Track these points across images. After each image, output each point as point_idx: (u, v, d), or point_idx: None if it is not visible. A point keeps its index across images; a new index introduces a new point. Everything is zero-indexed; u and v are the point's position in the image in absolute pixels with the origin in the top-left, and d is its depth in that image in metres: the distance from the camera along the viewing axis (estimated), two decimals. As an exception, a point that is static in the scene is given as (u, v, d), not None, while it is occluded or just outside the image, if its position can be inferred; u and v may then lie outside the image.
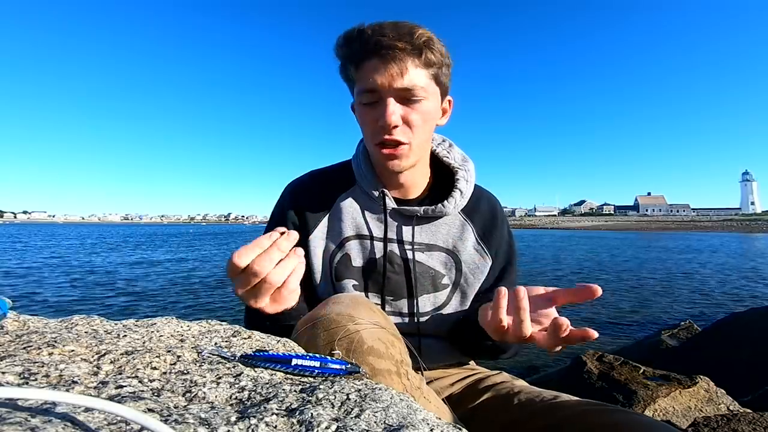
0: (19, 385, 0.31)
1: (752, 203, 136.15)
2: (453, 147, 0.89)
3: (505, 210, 0.91)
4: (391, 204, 0.80)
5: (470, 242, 0.83)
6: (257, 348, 0.47)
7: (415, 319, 0.79)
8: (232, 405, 0.34)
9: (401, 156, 0.73)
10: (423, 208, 0.79)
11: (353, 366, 0.44)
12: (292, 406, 0.34)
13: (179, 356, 0.41)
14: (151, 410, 0.29)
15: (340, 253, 0.80)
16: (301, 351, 0.50)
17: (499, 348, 0.75)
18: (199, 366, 0.40)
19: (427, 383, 0.60)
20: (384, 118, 0.68)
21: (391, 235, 0.80)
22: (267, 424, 0.30)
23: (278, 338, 0.53)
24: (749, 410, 1.53)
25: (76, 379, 0.33)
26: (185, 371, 0.38)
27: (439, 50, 0.71)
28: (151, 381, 0.35)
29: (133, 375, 0.36)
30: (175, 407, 0.31)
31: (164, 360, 0.39)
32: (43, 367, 0.34)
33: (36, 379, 0.32)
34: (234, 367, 0.41)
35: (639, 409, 1.62)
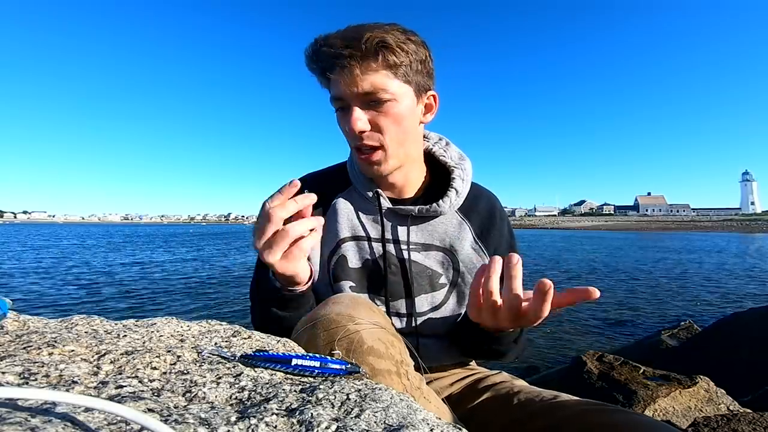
0: (19, 385, 0.31)
1: (752, 203, 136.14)
2: (450, 145, 0.88)
3: (505, 210, 0.91)
4: (385, 204, 0.80)
5: (468, 241, 0.82)
6: (257, 348, 0.47)
7: (412, 320, 0.79)
8: (232, 405, 0.34)
9: (378, 161, 0.74)
10: (418, 207, 0.79)
11: (353, 366, 0.44)
12: (292, 406, 0.34)
13: (179, 356, 0.41)
14: (151, 410, 0.29)
15: (337, 254, 0.80)
16: (301, 351, 0.50)
17: (497, 349, 0.74)
18: (199, 366, 0.40)
19: (427, 383, 0.60)
20: (349, 126, 0.70)
21: (387, 235, 0.80)
22: (267, 424, 0.30)
23: (278, 338, 0.53)
24: (749, 410, 1.53)
25: (76, 379, 0.33)
26: (185, 371, 0.38)
27: (402, 49, 0.69)
28: (151, 381, 0.35)
29: (133, 375, 0.36)
30: (175, 407, 0.31)
31: (164, 360, 0.39)
32: (43, 367, 0.34)
33: (36, 379, 0.32)
34: (234, 367, 0.41)
35: (639, 409, 1.62)
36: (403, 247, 0.79)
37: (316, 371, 0.43)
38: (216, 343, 0.47)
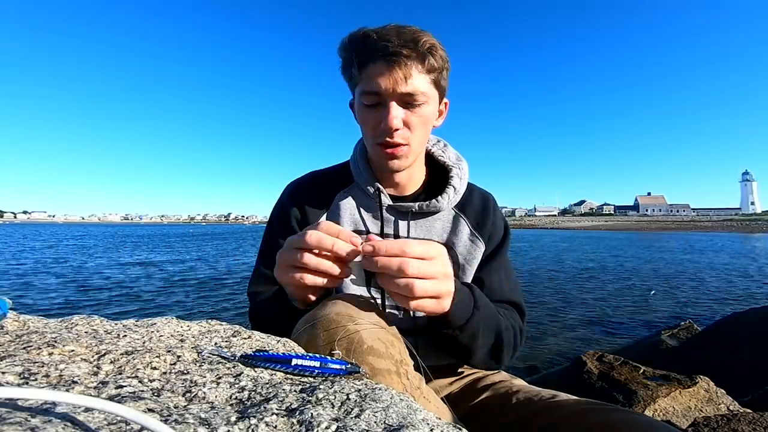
0: (19, 385, 0.31)
1: (752, 203, 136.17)
2: (447, 147, 0.92)
3: (504, 210, 0.93)
4: (386, 200, 0.82)
5: (465, 234, 0.85)
6: (257, 348, 0.47)
7: (411, 314, 0.80)
8: (232, 405, 0.34)
9: (401, 156, 0.76)
10: (418, 203, 0.82)
11: (353, 366, 0.44)
12: (292, 406, 0.34)
13: (179, 356, 0.41)
14: (151, 410, 0.29)
15: None
16: (301, 351, 0.50)
17: (460, 338, 0.65)
18: (199, 366, 0.40)
19: (426, 383, 0.60)
20: (387, 122, 0.71)
21: (388, 230, 0.82)
22: (267, 424, 0.30)
23: (278, 338, 0.53)
24: (749, 410, 1.53)
25: (76, 379, 0.33)
26: (185, 371, 0.38)
27: (441, 56, 0.73)
28: (151, 381, 0.35)
29: (133, 375, 0.36)
30: (175, 407, 0.31)
31: (164, 360, 0.39)
32: (43, 367, 0.34)
33: (36, 379, 0.32)
34: (234, 367, 0.41)
35: (639, 409, 1.62)
36: None
37: (316, 371, 0.43)
38: (216, 343, 0.47)
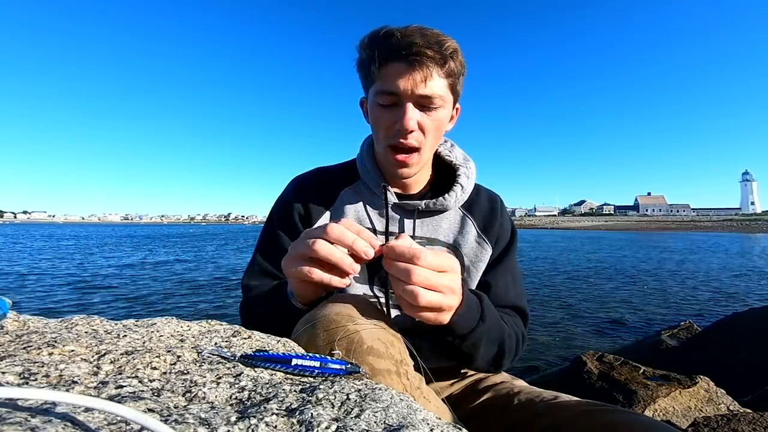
0: (19, 385, 0.31)
1: (752, 203, 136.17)
2: (454, 147, 0.91)
3: (505, 205, 0.92)
4: (392, 199, 0.81)
5: (471, 235, 0.84)
6: (257, 348, 0.47)
7: (411, 317, 0.79)
8: (232, 405, 0.34)
9: (412, 164, 0.76)
10: (424, 201, 0.81)
11: (353, 366, 0.44)
12: (292, 406, 0.34)
13: (179, 356, 0.41)
14: (151, 410, 0.29)
15: None
16: (301, 351, 0.50)
17: (461, 347, 0.65)
18: (199, 366, 0.40)
19: (427, 383, 0.60)
20: (402, 123, 0.70)
21: (393, 228, 0.81)
22: (267, 424, 0.30)
23: (278, 338, 0.53)
24: (749, 410, 1.53)
25: (76, 379, 0.33)
26: (185, 371, 0.38)
27: (461, 61, 0.72)
28: (151, 381, 0.35)
29: (133, 375, 0.36)
30: (175, 407, 0.31)
31: (164, 360, 0.39)
32: (43, 367, 0.34)
33: (36, 379, 0.32)
34: (234, 367, 0.41)
35: (639, 409, 1.62)
36: None
37: (316, 371, 0.43)
38: (216, 343, 0.47)
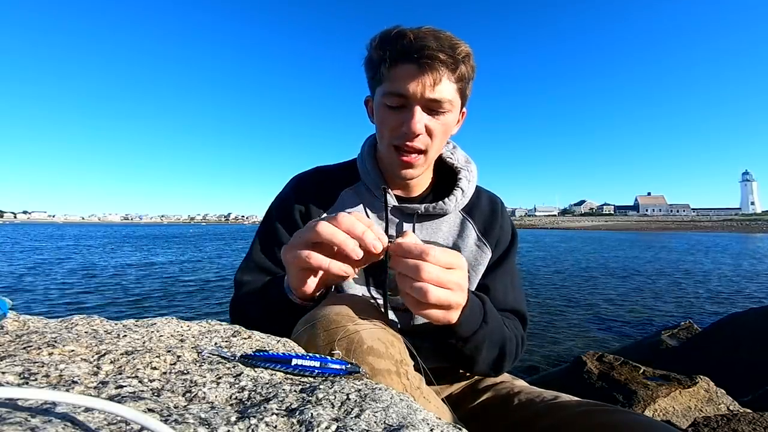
0: (19, 385, 0.31)
1: (752, 203, 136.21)
2: (457, 149, 0.90)
3: (506, 207, 0.92)
4: (392, 201, 0.80)
5: (471, 239, 0.83)
6: (257, 348, 0.47)
7: (410, 316, 0.79)
8: (232, 405, 0.34)
9: (417, 165, 0.75)
10: (424, 205, 0.80)
11: (353, 366, 0.44)
12: (292, 406, 0.34)
13: (179, 356, 0.41)
14: (151, 410, 0.29)
15: None
16: (300, 351, 0.50)
17: (463, 349, 0.64)
18: (199, 366, 0.40)
19: (427, 383, 0.60)
20: (409, 126, 0.69)
21: (392, 231, 0.81)
22: (267, 424, 0.30)
23: (278, 338, 0.53)
24: (749, 410, 1.53)
25: (76, 379, 0.33)
26: (185, 371, 0.38)
27: (472, 66, 0.71)
28: (151, 381, 0.35)
29: (133, 375, 0.36)
30: (175, 407, 0.31)
31: (164, 360, 0.39)
32: (43, 367, 0.34)
33: (36, 379, 0.32)
34: (234, 367, 0.41)
35: (639, 409, 1.62)
36: None
37: (316, 371, 0.43)
38: (216, 343, 0.47)
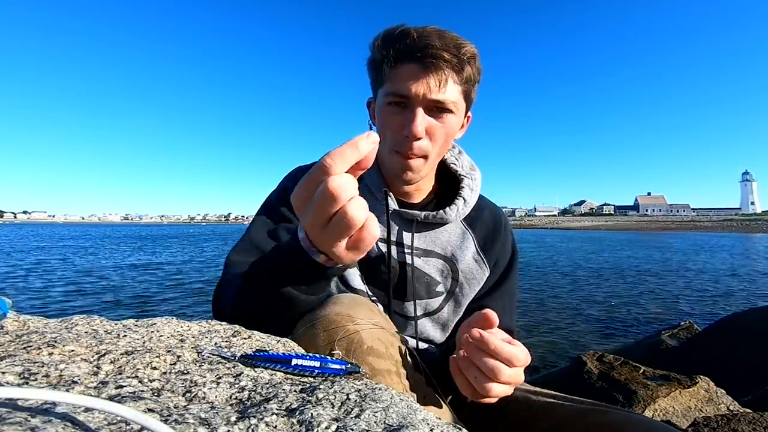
0: (19, 385, 0.31)
1: (752, 203, 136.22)
2: (462, 154, 0.87)
3: (505, 210, 0.90)
4: (393, 205, 0.79)
5: (470, 251, 0.81)
6: (257, 348, 0.47)
7: (407, 323, 0.79)
8: (232, 405, 0.34)
9: (417, 169, 0.72)
10: (424, 213, 0.78)
11: (353, 366, 0.44)
12: (292, 406, 0.34)
13: (179, 356, 0.41)
14: (151, 410, 0.29)
15: None
16: (300, 351, 0.50)
17: None
18: (199, 366, 0.40)
19: (427, 384, 0.60)
20: (410, 128, 0.66)
21: (391, 236, 0.79)
22: (267, 424, 0.30)
23: (278, 338, 0.53)
24: (749, 410, 1.53)
25: (76, 379, 0.33)
26: (185, 371, 0.38)
27: (478, 68, 0.69)
28: (151, 381, 0.35)
29: (133, 375, 0.36)
30: (175, 407, 0.31)
31: (164, 360, 0.39)
32: (43, 367, 0.34)
33: (36, 379, 0.32)
34: (234, 367, 0.41)
35: (639, 409, 1.62)
36: (406, 250, 0.79)
37: (316, 371, 0.43)
38: (216, 343, 0.47)
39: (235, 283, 0.60)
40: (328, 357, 0.45)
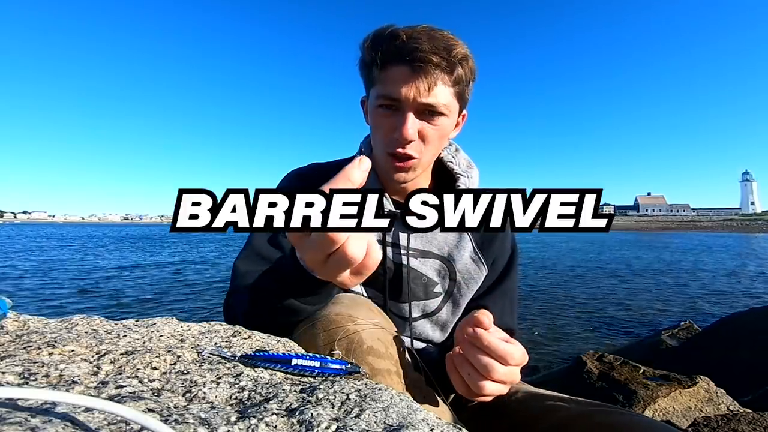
0: (19, 385, 0.31)
1: (752, 203, 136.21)
2: (459, 152, 0.87)
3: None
4: (388, 205, 0.78)
5: (467, 251, 0.81)
6: (257, 348, 0.47)
7: (406, 325, 0.79)
8: (232, 405, 0.34)
9: (409, 169, 0.72)
10: None
11: (353, 366, 0.45)
12: (292, 406, 0.34)
13: (179, 356, 0.41)
14: (151, 410, 0.29)
15: None
16: (301, 351, 0.50)
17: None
18: (199, 366, 0.40)
19: (427, 383, 0.60)
20: (401, 132, 0.66)
21: (387, 238, 0.78)
22: (267, 424, 0.30)
23: (278, 338, 0.53)
24: (749, 410, 1.53)
25: (76, 379, 0.33)
26: (185, 371, 0.38)
27: (470, 68, 0.68)
28: (151, 381, 0.35)
29: (133, 375, 0.36)
30: (175, 407, 0.31)
31: (164, 360, 0.39)
32: (43, 367, 0.34)
33: (36, 379, 0.32)
34: (234, 367, 0.41)
35: (639, 409, 1.62)
36: (402, 251, 0.79)
37: (316, 371, 0.43)
38: (216, 343, 0.47)
39: (245, 297, 0.62)
40: (328, 357, 0.45)
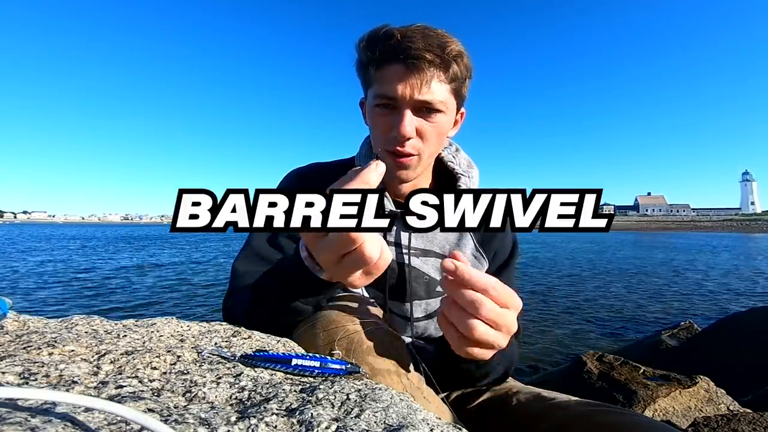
0: (19, 385, 0.31)
1: (752, 203, 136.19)
2: (459, 152, 0.87)
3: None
4: (389, 205, 0.78)
5: (469, 249, 0.81)
6: (257, 348, 0.47)
7: (408, 324, 0.78)
8: (232, 405, 0.34)
9: (410, 166, 0.72)
10: None
11: (353, 366, 0.45)
12: (292, 406, 0.34)
13: (179, 356, 0.41)
14: (151, 410, 0.29)
15: None
16: (300, 351, 0.50)
17: (473, 371, 0.66)
18: (199, 366, 0.40)
19: (427, 383, 0.60)
20: (399, 130, 0.66)
21: (388, 237, 0.79)
22: (267, 424, 0.30)
23: (278, 338, 0.53)
24: (749, 410, 1.53)
25: (76, 379, 0.33)
26: (185, 371, 0.38)
27: (466, 65, 0.69)
28: (151, 381, 0.35)
29: (133, 375, 0.36)
30: (175, 407, 0.31)
31: (164, 360, 0.39)
32: (43, 367, 0.34)
33: (36, 379, 0.32)
34: (234, 367, 0.41)
35: (639, 409, 1.62)
36: (404, 251, 0.79)
37: (316, 371, 0.43)
38: (216, 343, 0.47)
39: (245, 297, 0.63)
40: (328, 357, 0.45)
